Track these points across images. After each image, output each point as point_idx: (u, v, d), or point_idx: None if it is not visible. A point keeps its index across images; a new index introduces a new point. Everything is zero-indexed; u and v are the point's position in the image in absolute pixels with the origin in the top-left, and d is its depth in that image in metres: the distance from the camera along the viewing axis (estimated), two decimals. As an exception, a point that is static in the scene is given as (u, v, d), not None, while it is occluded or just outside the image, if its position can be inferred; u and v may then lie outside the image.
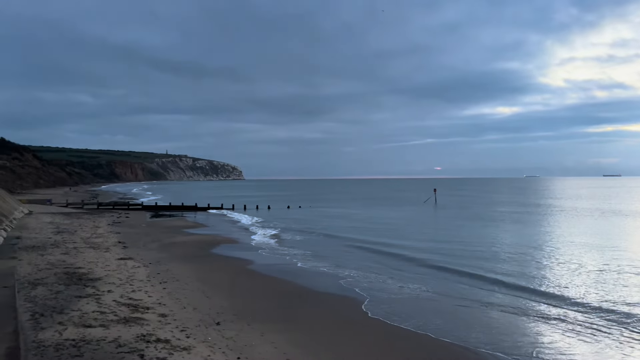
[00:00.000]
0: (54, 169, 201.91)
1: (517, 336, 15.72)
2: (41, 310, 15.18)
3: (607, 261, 28.76)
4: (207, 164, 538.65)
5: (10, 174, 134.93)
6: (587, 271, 25.99)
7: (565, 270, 26.57)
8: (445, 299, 20.85)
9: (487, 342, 14.94)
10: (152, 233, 42.70)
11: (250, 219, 61.99)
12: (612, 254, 31.33)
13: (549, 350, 14.41)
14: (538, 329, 16.57)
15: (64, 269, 22.43)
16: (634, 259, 29.26)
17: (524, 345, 14.76)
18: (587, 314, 18.15)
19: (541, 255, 31.64)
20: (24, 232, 36.88)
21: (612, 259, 29.57)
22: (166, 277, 22.66)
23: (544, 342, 15.19)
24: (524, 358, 13.74)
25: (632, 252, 32.32)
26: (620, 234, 44.21)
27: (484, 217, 63.17)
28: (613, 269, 26.41)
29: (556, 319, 17.68)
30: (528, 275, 25.06)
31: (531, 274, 25.55)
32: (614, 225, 51.03)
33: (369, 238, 41.71)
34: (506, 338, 15.46)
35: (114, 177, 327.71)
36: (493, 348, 14.48)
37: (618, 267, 26.88)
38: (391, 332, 16.01)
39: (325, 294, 21.22)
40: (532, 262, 29.09)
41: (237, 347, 13.50)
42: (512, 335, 15.77)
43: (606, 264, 27.75)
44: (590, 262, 28.51)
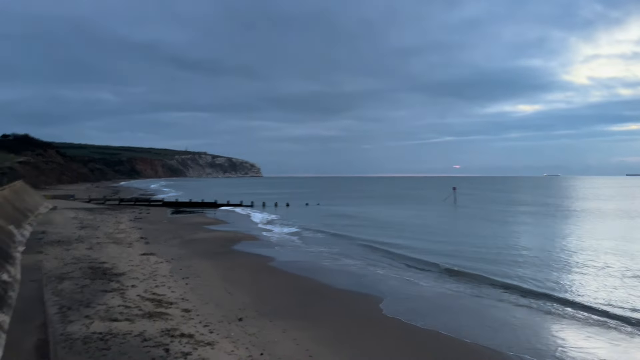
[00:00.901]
0: (77, 165, 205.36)
1: (538, 338, 15.58)
2: (68, 304, 15.53)
3: (630, 264, 28.27)
4: (225, 161, 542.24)
5: (35, 170, 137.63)
6: (610, 274, 25.60)
7: (586, 273, 26.19)
8: (464, 299, 20.75)
9: (507, 343, 14.84)
10: (173, 229, 43.20)
11: (269, 217, 62.27)
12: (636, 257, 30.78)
13: (571, 354, 14.24)
14: (560, 332, 16.40)
15: (88, 264, 22.87)
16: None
17: (546, 348, 14.62)
18: (608, 317, 17.89)
19: (562, 257, 31.20)
20: (49, 227, 37.63)
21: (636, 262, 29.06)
22: (188, 273, 22.94)
23: (566, 345, 15.02)
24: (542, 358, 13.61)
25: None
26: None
27: (503, 216, 62.43)
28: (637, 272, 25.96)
29: (578, 322, 17.48)
30: (549, 278, 24.74)
31: (553, 276, 25.23)
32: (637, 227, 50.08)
33: (388, 237, 41.58)
34: (527, 339, 15.33)
35: (135, 173, 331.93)
36: (513, 349, 14.37)
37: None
38: (409, 331, 16.01)
39: (344, 292, 21.27)
40: (553, 264, 28.69)
41: (259, 343, 13.64)
42: (534, 337, 15.63)
43: (628, 268, 27.28)
44: (613, 265, 28.05)
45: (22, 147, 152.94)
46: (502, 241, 37.66)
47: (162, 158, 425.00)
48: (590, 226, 50.25)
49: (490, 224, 53.08)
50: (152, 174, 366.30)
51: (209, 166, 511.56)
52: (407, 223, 54.82)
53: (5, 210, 33.38)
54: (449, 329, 16.02)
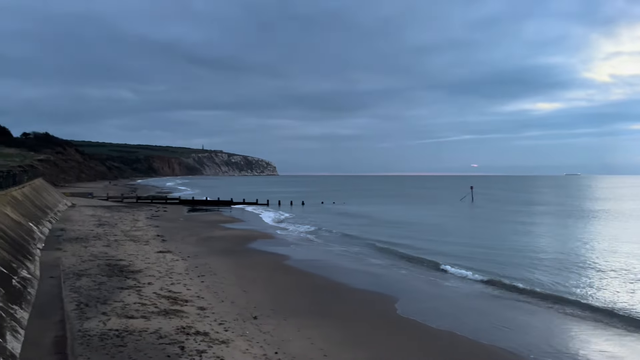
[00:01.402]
0: (95, 163, 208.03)
1: (558, 340, 15.33)
2: (86, 301, 15.68)
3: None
4: (242, 160, 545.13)
5: (54, 168, 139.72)
6: (630, 277, 25.15)
7: (606, 276, 25.73)
8: (481, 300, 20.55)
9: (525, 346, 14.62)
10: (190, 227, 43.50)
11: (285, 215, 62.38)
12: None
13: (593, 358, 13.98)
14: (581, 335, 16.12)
15: (106, 261, 23.11)
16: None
17: (566, 351, 14.38)
18: (628, 321, 17.55)
19: (581, 260, 30.67)
20: (68, 224, 38.15)
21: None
22: (204, 271, 23.04)
23: (587, 349, 14.76)
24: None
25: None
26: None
27: (521, 217, 61.65)
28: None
29: (599, 325, 17.17)
30: (568, 281, 24.33)
31: (572, 278, 24.81)
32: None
33: (403, 237, 41.39)
34: (546, 342, 15.08)
35: (152, 171, 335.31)
36: (532, 352, 14.14)
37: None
38: (424, 332, 15.87)
39: (360, 291, 21.18)
40: (572, 266, 28.17)
41: (274, 342, 13.62)
42: (553, 340, 15.38)
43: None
44: (634, 267, 27.56)
45: (42, 145, 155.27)
46: (519, 242, 37.14)
47: (178, 156, 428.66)
48: (609, 227, 49.40)
49: (506, 224, 52.50)
50: (169, 172, 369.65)
51: (225, 164, 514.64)
52: (424, 223, 54.50)
53: (26, 208, 33.92)
54: (465, 331, 15.84)
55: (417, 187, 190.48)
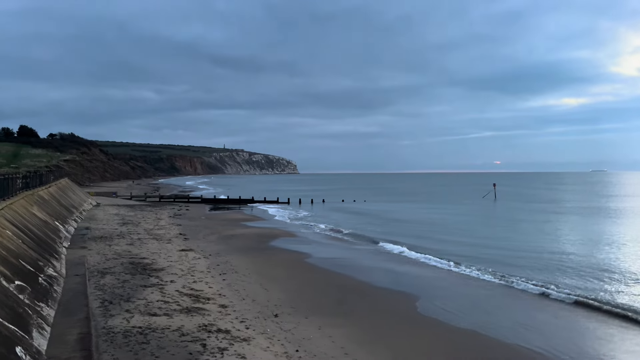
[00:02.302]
0: (119, 163, 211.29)
1: (582, 340, 15.05)
2: (110, 298, 15.92)
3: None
4: (262, 158, 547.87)
5: (80, 168, 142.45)
6: None
7: (632, 276, 25.19)
8: (504, 300, 20.29)
9: (550, 345, 14.35)
10: (211, 225, 43.85)
11: (306, 213, 62.50)
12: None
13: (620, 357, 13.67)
14: (607, 335, 15.78)
15: (129, 259, 23.44)
16: None
17: (592, 351, 14.09)
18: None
19: (606, 260, 30.06)
20: (93, 223, 38.83)
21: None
22: (225, 269, 23.20)
23: (614, 349, 14.44)
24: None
25: None
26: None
27: (544, 215, 60.60)
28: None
29: (624, 326, 16.79)
30: (593, 281, 23.83)
31: (597, 279, 24.26)
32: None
33: (425, 235, 41.11)
34: (572, 341, 14.81)
35: (174, 170, 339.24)
36: (557, 351, 13.88)
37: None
38: (446, 330, 15.72)
39: (381, 290, 21.08)
40: (596, 267, 27.53)
41: (295, 340, 13.64)
42: (578, 339, 15.10)
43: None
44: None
45: (67, 146, 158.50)
46: (542, 243, 36.23)
47: (200, 155, 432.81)
48: (633, 226, 48.25)
49: (530, 223, 51.66)
50: (192, 171, 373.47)
51: (246, 163, 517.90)
52: (446, 221, 54.00)
53: (52, 207, 34.63)
54: (487, 330, 15.63)
55: (441, 185, 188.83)
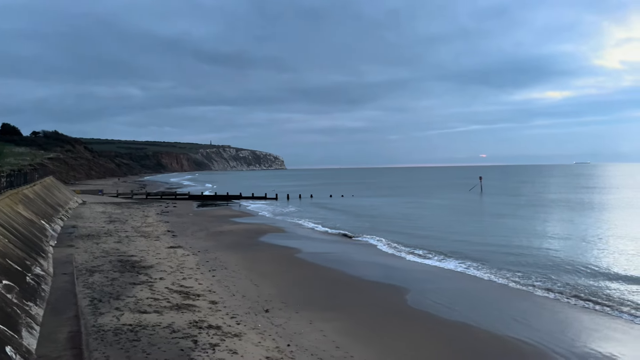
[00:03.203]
0: (104, 160, 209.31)
1: (570, 331, 15.28)
2: (99, 296, 15.80)
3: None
4: (249, 154, 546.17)
5: (64, 166, 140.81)
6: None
7: (615, 268, 25.60)
8: (494, 292, 20.50)
9: (540, 336, 14.56)
10: (200, 222, 43.67)
11: (294, 208, 62.50)
12: None
13: (601, 349, 13.91)
14: (593, 325, 16.05)
15: (117, 257, 23.26)
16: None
17: (579, 341, 14.32)
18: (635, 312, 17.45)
19: (591, 253, 30.56)
20: (79, 221, 38.45)
21: None
22: (215, 265, 23.14)
23: (597, 339, 14.70)
24: (575, 354, 13.29)
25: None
26: None
27: (529, 208, 61.29)
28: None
29: (606, 316, 17.09)
30: (580, 273, 24.21)
31: (583, 270, 24.66)
32: None
33: (414, 229, 41.39)
34: (561, 332, 15.04)
35: (161, 167, 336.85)
36: (547, 342, 14.09)
37: None
38: (438, 323, 15.84)
39: (371, 283, 21.18)
40: (583, 259, 28.06)
41: (286, 335, 13.67)
42: (567, 330, 15.33)
43: None
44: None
45: (51, 144, 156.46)
46: (528, 236, 36.66)
47: (187, 152, 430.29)
48: (617, 218, 49.02)
49: (516, 218, 52.19)
50: (178, 167, 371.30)
51: (233, 159, 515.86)
52: (433, 215, 54.38)
53: (37, 206, 34.21)
54: (479, 322, 15.79)
55: (426, 179, 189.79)
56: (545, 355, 13.04)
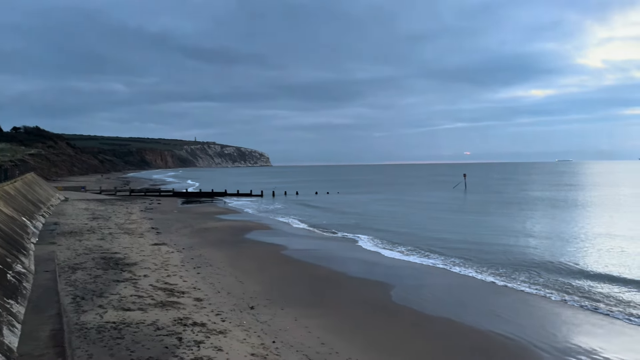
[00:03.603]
0: (87, 157, 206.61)
1: (551, 326, 15.52)
2: (82, 294, 15.64)
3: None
4: (234, 151, 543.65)
5: (46, 162, 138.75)
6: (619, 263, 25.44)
7: (597, 266, 26.04)
8: (476, 288, 20.72)
9: (521, 331, 14.77)
10: (184, 219, 43.39)
11: (279, 206, 62.43)
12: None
13: (581, 343, 14.16)
14: (573, 320, 16.32)
15: (101, 254, 23.03)
16: None
17: (560, 336, 14.55)
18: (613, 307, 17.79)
19: (572, 248, 31.03)
20: (62, 218, 37.96)
21: None
22: (200, 262, 23.04)
23: (577, 334, 14.95)
24: (556, 348, 13.52)
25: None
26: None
27: (512, 207, 62.02)
28: None
29: (586, 312, 17.38)
30: (561, 269, 24.59)
31: (565, 266, 25.05)
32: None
33: (399, 226, 41.63)
34: (542, 327, 15.27)
35: (144, 164, 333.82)
36: (528, 337, 14.30)
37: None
38: (421, 319, 15.98)
39: (356, 280, 21.27)
40: (565, 255, 28.53)
41: (271, 331, 13.68)
42: (548, 325, 15.56)
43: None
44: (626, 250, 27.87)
45: (33, 140, 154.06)
46: (511, 234, 36.96)
47: (171, 148, 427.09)
48: (597, 215, 49.82)
49: (499, 213, 52.77)
50: (162, 164, 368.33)
51: (218, 156, 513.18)
52: (417, 213, 54.70)
53: (18, 202, 33.68)
54: (462, 317, 15.96)
55: (411, 176, 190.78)
56: (527, 350, 13.24)
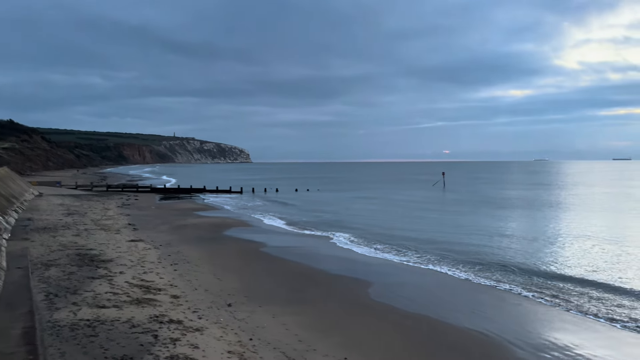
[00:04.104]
0: (63, 151, 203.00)
1: (526, 323, 15.77)
2: (55, 291, 15.34)
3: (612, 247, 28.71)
4: (214, 147, 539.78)
5: (20, 156, 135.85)
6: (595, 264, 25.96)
7: (572, 263, 26.54)
8: (454, 286, 20.94)
9: (497, 328, 14.98)
10: (162, 215, 42.93)
11: (259, 202, 62.20)
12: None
13: (554, 340, 14.42)
14: (546, 317, 16.61)
15: (75, 251, 22.62)
16: None
17: (534, 332, 14.79)
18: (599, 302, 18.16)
19: (550, 245, 31.57)
20: (35, 214, 37.19)
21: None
22: (177, 259, 22.81)
23: (549, 330, 15.22)
24: (530, 345, 13.74)
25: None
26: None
27: (490, 204, 62.86)
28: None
29: (563, 308, 17.71)
30: (538, 267, 25.01)
31: (541, 265, 25.48)
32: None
33: (378, 223, 41.82)
34: (517, 323, 15.51)
35: (122, 159, 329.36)
36: (502, 333, 14.50)
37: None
38: (399, 315, 16.09)
39: (335, 277, 21.31)
40: (541, 253, 29.02)
41: (248, 329, 13.62)
42: (523, 322, 15.81)
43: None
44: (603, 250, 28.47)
45: (6, 133, 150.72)
46: (489, 230, 37.58)
47: (150, 144, 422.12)
48: (570, 213, 50.80)
49: (476, 212, 53.40)
50: (140, 159, 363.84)
51: (197, 152, 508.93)
52: (397, 209, 55.03)
53: (-10, 197, 32.87)
54: (439, 314, 16.13)
55: (391, 174, 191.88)
56: (502, 346, 13.43)
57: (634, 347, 13.77)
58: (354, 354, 12.37)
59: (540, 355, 12.87)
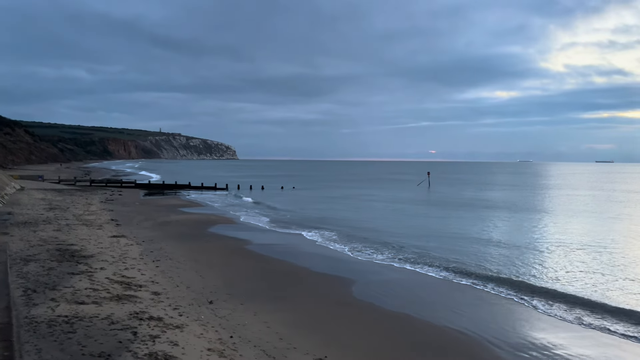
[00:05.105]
0: (46, 145, 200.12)
1: (506, 322, 15.93)
2: (33, 287, 15.13)
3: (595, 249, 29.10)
4: (200, 143, 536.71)
5: (2, 149, 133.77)
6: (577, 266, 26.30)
7: (553, 265, 26.86)
8: (435, 284, 21.08)
9: (476, 327, 15.12)
10: (146, 211, 42.58)
11: (245, 199, 61.97)
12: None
13: (533, 339, 14.59)
14: (522, 316, 16.80)
15: (56, 246, 22.34)
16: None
17: (512, 331, 14.96)
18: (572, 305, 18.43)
19: (532, 248, 31.92)
20: (16, 208, 36.65)
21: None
22: (159, 256, 22.65)
23: (529, 329, 15.40)
24: (508, 344, 13.90)
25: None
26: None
27: (474, 204, 63.37)
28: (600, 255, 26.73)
29: (542, 308, 17.91)
30: (519, 268, 25.27)
31: (523, 266, 25.76)
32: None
33: (362, 222, 41.92)
34: (495, 323, 15.67)
35: (107, 154, 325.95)
36: (482, 332, 14.64)
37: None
38: (381, 314, 16.16)
39: (318, 275, 21.33)
40: (523, 255, 29.31)
41: (229, 326, 13.58)
42: (501, 322, 15.97)
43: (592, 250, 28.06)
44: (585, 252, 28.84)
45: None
46: (471, 230, 37.93)
47: (135, 139, 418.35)
48: (555, 218, 51.41)
49: (460, 212, 53.79)
50: (125, 155, 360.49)
51: (183, 148, 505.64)
52: (381, 208, 55.22)
53: (-31, 190, 32.33)
54: (420, 313, 16.23)
55: (378, 173, 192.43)
56: (481, 345, 13.56)
57: (611, 348, 13.99)
58: (334, 352, 12.40)
59: (518, 354, 13.02)
